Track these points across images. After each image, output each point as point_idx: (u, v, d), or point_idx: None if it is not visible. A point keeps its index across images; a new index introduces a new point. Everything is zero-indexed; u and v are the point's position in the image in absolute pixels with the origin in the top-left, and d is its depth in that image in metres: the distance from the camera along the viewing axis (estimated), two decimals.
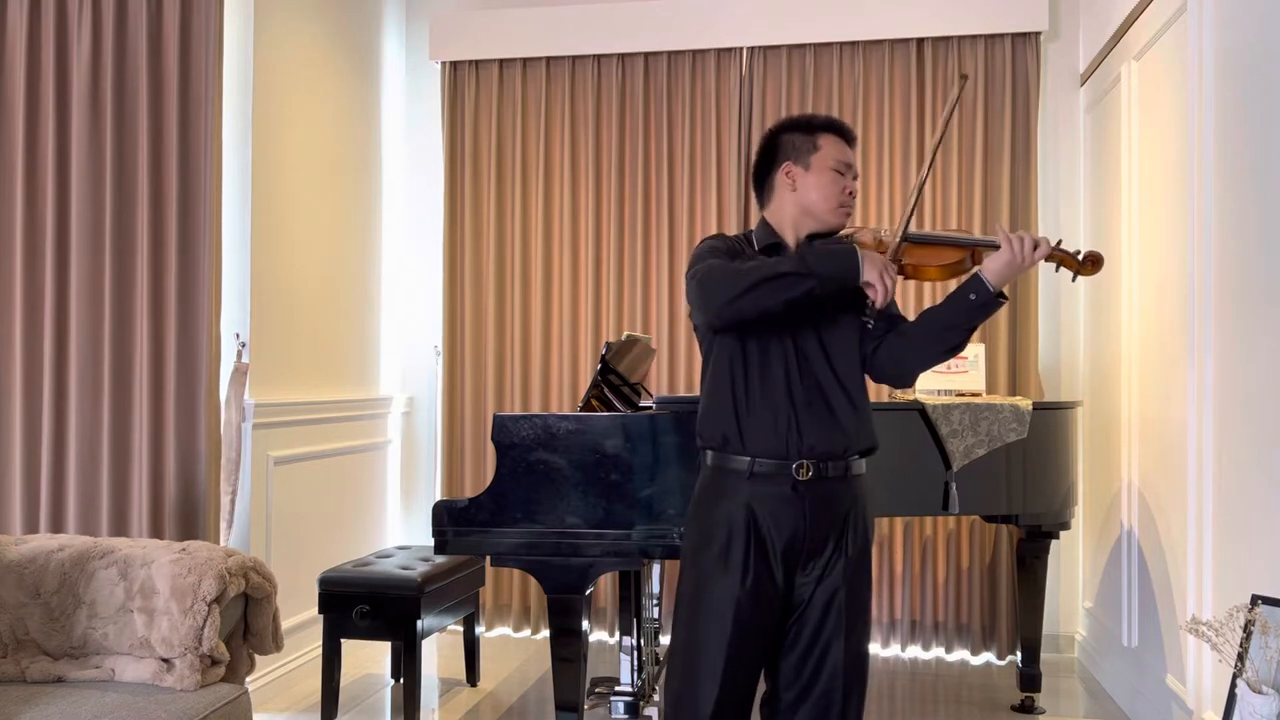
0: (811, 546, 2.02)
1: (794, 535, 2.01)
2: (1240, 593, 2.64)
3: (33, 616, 2.50)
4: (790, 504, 2.01)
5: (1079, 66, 4.39)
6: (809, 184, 2.11)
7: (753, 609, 2.00)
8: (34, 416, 3.28)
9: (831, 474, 2.04)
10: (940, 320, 2.07)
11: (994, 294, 2.00)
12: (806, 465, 2.01)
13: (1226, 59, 2.83)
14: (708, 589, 2.02)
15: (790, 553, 2.02)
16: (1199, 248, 2.96)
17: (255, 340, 3.60)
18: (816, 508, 2.02)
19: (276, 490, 3.73)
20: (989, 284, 1.99)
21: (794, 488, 2.01)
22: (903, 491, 3.28)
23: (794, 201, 2.13)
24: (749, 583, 1.99)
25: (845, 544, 2.05)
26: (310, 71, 4.07)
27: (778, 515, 2.01)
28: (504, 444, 2.78)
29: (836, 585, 2.02)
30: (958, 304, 2.03)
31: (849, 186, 2.12)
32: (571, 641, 2.78)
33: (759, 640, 2.03)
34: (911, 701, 3.78)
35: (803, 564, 2.03)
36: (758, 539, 2.01)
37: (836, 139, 2.13)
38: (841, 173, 2.11)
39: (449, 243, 4.67)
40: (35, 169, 3.30)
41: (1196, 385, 2.97)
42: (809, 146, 2.11)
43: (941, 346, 2.08)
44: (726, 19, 4.45)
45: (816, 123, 2.14)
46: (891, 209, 4.36)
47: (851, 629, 2.03)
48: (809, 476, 2.01)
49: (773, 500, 2.01)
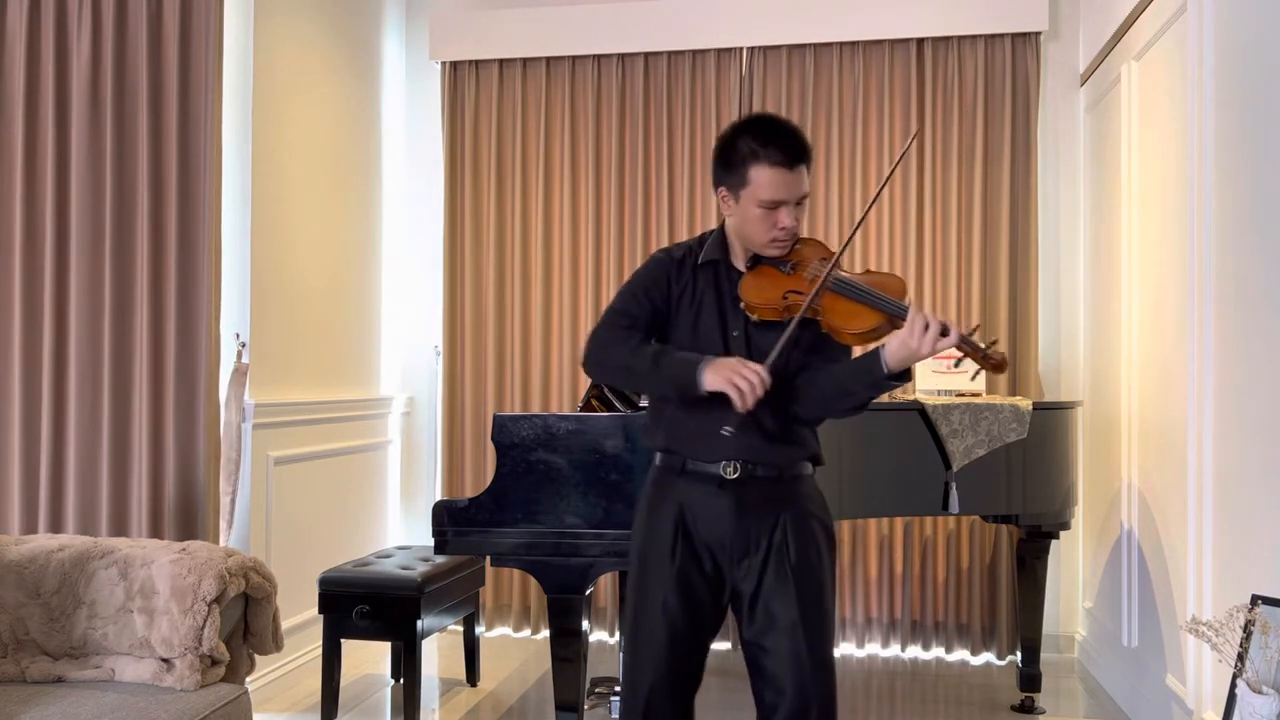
0: (741, 545, 2.03)
1: (721, 533, 2.03)
2: (1240, 593, 2.64)
3: (33, 616, 2.50)
4: (717, 502, 2.03)
5: (1079, 67, 4.39)
6: (739, 215, 2.03)
7: (682, 603, 2.03)
8: (33, 416, 3.28)
9: (761, 474, 2.04)
10: (839, 382, 2.00)
11: (885, 375, 1.90)
12: (734, 465, 2.02)
13: (1226, 59, 2.83)
14: (644, 583, 2.07)
15: (719, 550, 2.03)
16: (1199, 248, 2.96)
17: (255, 340, 3.60)
18: (744, 507, 2.02)
19: (276, 490, 3.73)
20: (885, 363, 1.89)
21: (720, 485, 2.03)
22: (903, 491, 3.28)
23: (732, 223, 2.09)
24: (678, 578, 2.03)
25: (781, 544, 2.02)
26: (310, 71, 4.07)
27: (705, 513, 2.04)
28: (504, 444, 2.78)
29: (774, 586, 2.01)
30: (855, 373, 1.97)
31: (780, 221, 1.97)
32: (571, 641, 2.78)
33: (693, 633, 2.05)
34: (911, 701, 3.78)
35: (735, 561, 2.03)
36: (685, 535, 2.04)
37: (772, 171, 1.94)
38: (771, 209, 1.97)
39: (449, 243, 4.67)
40: (35, 169, 3.30)
41: (1196, 385, 2.97)
42: (740, 179, 1.98)
43: (838, 406, 2.03)
44: (726, 19, 4.45)
45: (749, 151, 1.96)
46: (891, 209, 4.36)
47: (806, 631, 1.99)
48: (735, 476, 2.02)
49: (701, 498, 2.04)
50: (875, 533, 4.36)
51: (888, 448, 3.26)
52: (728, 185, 2.03)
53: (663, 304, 2.11)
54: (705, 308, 2.08)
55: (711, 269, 2.10)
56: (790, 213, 1.99)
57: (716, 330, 2.07)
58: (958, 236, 4.32)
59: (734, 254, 2.11)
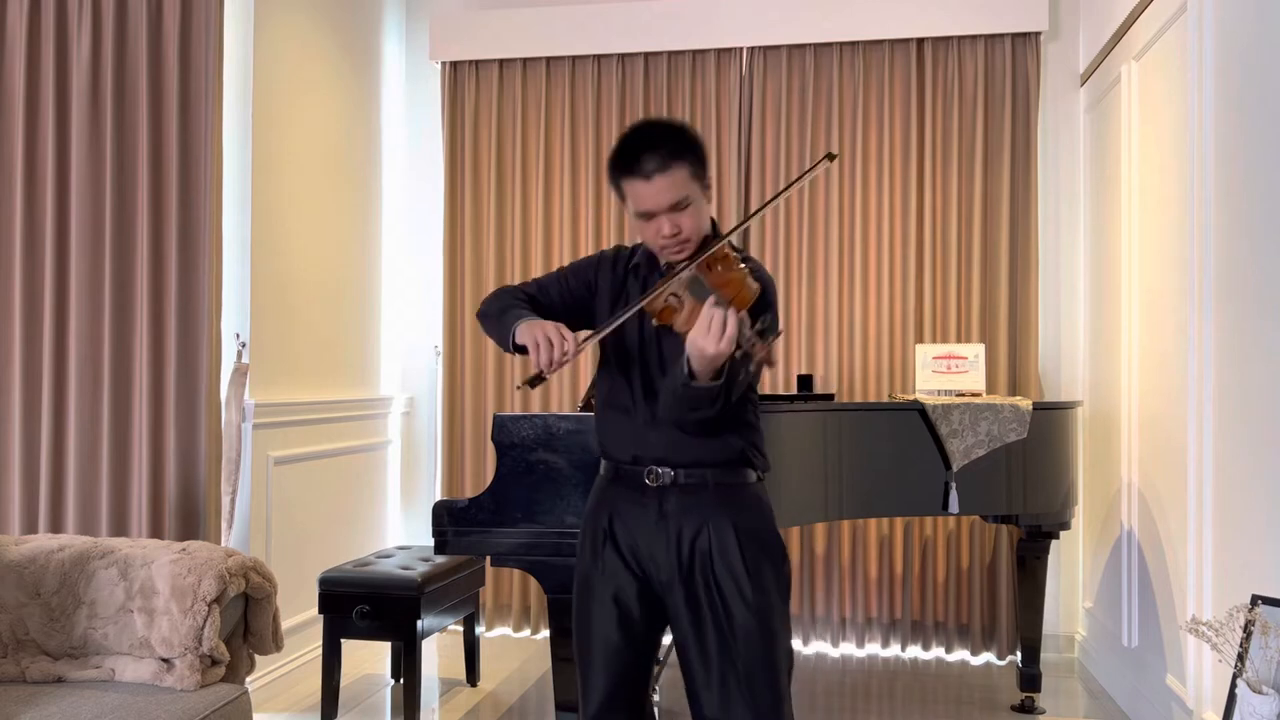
0: (664, 552, 1.97)
1: (647, 539, 1.99)
2: (1240, 593, 2.64)
3: (33, 616, 2.50)
4: (640, 508, 2.00)
5: (1079, 66, 4.39)
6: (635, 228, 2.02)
7: (616, 608, 2.01)
8: (33, 416, 3.28)
9: (685, 481, 1.98)
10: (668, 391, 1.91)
11: (685, 376, 1.81)
12: (656, 472, 1.99)
13: (1226, 59, 2.83)
14: (583, 586, 2.07)
15: (646, 558, 1.99)
16: (1199, 248, 2.96)
17: (255, 340, 3.60)
18: (666, 513, 1.98)
19: (276, 490, 3.73)
20: (687, 362, 1.81)
21: (643, 492, 2.00)
22: (903, 491, 3.28)
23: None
24: (608, 583, 2.02)
25: (707, 552, 1.94)
26: (310, 72, 4.07)
27: (630, 519, 2.01)
28: (504, 444, 2.78)
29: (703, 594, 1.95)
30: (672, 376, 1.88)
31: (661, 229, 1.92)
32: (571, 642, 2.78)
33: (630, 638, 2.02)
34: (911, 701, 3.78)
35: (660, 569, 1.98)
36: (613, 541, 2.02)
37: (635, 182, 1.92)
38: (648, 220, 1.94)
39: (449, 243, 4.67)
40: (35, 169, 3.30)
41: (1196, 385, 2.97)
42: (620, 194, 1.98)
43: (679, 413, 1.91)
44: (726, 19, 4.45)
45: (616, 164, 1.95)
46: (891, 210, 4.36)
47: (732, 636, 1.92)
48: (658, 483, 1.99)
49: (627, 504, 2.02)
50: (875, 533, 4.36)
51: (887, 448, 3.26)
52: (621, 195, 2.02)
53: (582, 291, 2.12)
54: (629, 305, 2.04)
55: (643, 271, 2.08)
56: (670, 220, 1.92)
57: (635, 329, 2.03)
58: (958, 236, 4.32)
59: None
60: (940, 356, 3.67)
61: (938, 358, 3.67)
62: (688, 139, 1.95)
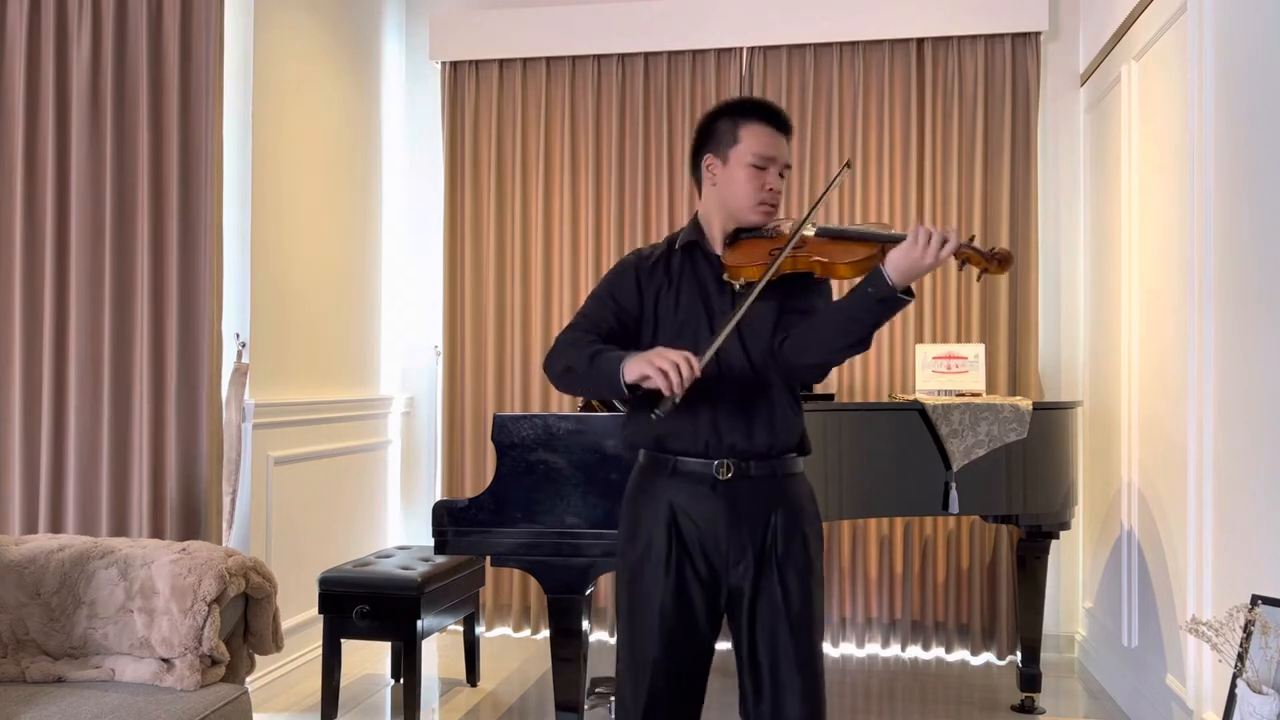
0: (736, 546, 1.97)
1: (715, 534, 1.97)
2: (1240, 593, 2.64)
3: (33, 616, 2.50)
4: (710, 503, 1.97)
5: (1079, 66, 4.39)
6: (726, 179, 2.03)
7: (677, 608, 1.97)
8: (33, 416, 3.28)
9: (755, 473, 1.98)
10: (842, 312, 1.91)
11: (893, 289, 1.83)
12: (727, 464, 1.97)
13: (1226, 59, 2.83)
14: (636, 587, 2.01)
15: (714, 551, 1.98)
16: (1199, 248, 2.96)
17: (255, 340, 3.60)
18: (737, 507, 1.97)
19: (276, 490, 3.73)
20: (888, 278, 1.83)
21: (713, 487, 1.97)
22: (903, 491, 3.28)
23: (715, 196, 2.06)
24: (672, 582, 1.97)
25: (773, 544, 1.98)
26: (310, 71, 4.07)
27: (698, 514, 1.98)
28: (504, 444, 2.78)
29: (769, 586, 1.96)
30: (858, 297, 1.88)
31: (769, 183, 2.00)
32: (571, 641, 2.78)
33: (690, 639, 1.98)
34: (911, 701, 3.78)
35: (731, 563, 1.98)
36: (679, 538, 1.98)
37: (762, 128, 2.00)
38: (762, 168, 2.00)
39: (449, 243, 4.67)
40: (35, 169, 3.30)
41: (1196, 385, 2.97)
42: (730, 138, 2.02)
43: (843, 340, 1.91)
44: (727, 19, 4.45)
45: (741, 109, 2.03)
46: (891, 209, 4.36)
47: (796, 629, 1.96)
48: (729, 476, 1.97)
49: (693, 499, 1.98)
50: (875, 533, 4.36)
51: (888, 448, 3.26)
52: (714, 150, 2.04)
53: (632, 305, 2.06)
54: (685, 293, 2.03)
55: (688, 257, 2.06)
56: (777, 176, 2.02)
57: (701, 311, 2.02)
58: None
59: (710, 238, 2.07)
60: (940, 356, 3.67)
61: (938, 358, 3.67)
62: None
